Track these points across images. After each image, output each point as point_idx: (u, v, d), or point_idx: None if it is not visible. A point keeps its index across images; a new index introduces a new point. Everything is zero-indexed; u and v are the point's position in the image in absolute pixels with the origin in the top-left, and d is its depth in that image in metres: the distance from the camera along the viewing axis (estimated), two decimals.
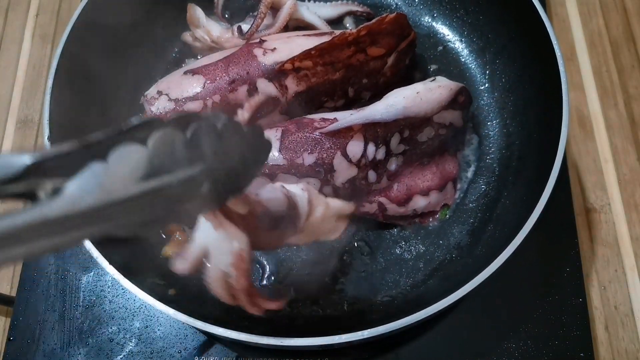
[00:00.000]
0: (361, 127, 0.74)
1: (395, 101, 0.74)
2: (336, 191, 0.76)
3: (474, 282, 0.65)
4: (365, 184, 0.78)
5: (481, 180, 0.89)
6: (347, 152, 0.74)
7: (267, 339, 0.63)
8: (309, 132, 0.75)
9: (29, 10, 1.15)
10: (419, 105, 0.75)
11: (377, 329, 0.64)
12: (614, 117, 1.01)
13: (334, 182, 0.75)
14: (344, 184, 0.76)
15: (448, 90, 0.77)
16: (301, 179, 0.74)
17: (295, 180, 0.74)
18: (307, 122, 0.76)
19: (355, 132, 0.74)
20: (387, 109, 0.74)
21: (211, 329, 0.64)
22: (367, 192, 0.79)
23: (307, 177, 0.74)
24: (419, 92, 0.75)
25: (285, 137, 0.75)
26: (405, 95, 0.75)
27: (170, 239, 0.83)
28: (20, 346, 0.81)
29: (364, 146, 0.75)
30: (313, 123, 0.76)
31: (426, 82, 0.77)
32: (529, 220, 0.68)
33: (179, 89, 0.81)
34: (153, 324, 0.82)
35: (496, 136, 0.92)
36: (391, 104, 0.74)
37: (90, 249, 0.67)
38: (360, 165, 0.75)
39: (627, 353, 0.84)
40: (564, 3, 1.12)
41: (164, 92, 0.81)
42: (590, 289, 0.88)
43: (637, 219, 0.93)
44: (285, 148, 0.74)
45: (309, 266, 0.83)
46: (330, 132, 0.74)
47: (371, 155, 0.76)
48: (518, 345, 0.80)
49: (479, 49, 0.98)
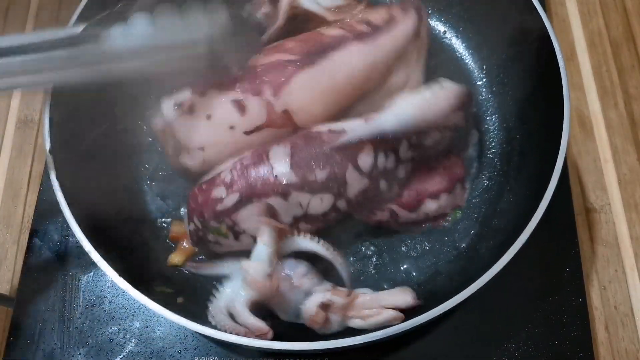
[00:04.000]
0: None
1: (404, 111, 0.74)
2: (349, 203, 0.76)
3: (479, 283, 0.66)
4: (377, 193, 0.77)
5: (484, 176, 0.89)
6: (358, 165, 0.73)
7: (279, 344, 0.64)
8: (319, 147, 0.73)
9: (29, 10, 1.15)
10: (429, 114, 0.75)
11: (385, 331, 0.64)
12: (614, 117, 1.01)
13: (346, 195, 0.75)
14: (356, 196, 0.75)
15: (455, 95, 0.77)
16: (314, 195, 0.74)
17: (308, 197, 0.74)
18: (315, 136, 0.75)
19: (366, 144, 0.73)
20: (397, 120, 0.73)
21: (230, 338, 0.65)
22: (378, 202, 0.79)
23: (321, 193, 0.73)
24: (427, 99, 0.75)
25: (295, 154, 0.73)
26: (414, 104, 0.74)
27: (177, 247, 0.84)
28: (20, 346, 0.81)
29: (374, 157, 0.74)
30: (321, 136, 0.75)
31: (433, 88, 0.77)
32: (532, 219, 0.69)
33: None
34: (153, 324, 0.82)
35: (496, 131, 0.92)
36: (401, 114, 0.74)
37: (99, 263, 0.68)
38: (372, 176, 0.75)
39: (627, 353, 0.84)
40: (564, 3, 1.12)
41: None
42: (590, 289, 0.88)
43: (637, 219, 0.93)
44: (296, 165, 0.72)
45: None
46: (340, 146, 0.73)
47: (382, 165, 0.75)
48: (518, 345, 0.80)
49: (475, 44, 0.98)
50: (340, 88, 0.80)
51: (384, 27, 0.83)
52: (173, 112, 0.76)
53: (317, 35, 0.82)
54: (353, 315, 0.72)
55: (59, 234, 0.88)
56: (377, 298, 0.73)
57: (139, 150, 0.91)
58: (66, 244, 0.87)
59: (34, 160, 1.01)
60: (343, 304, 0.71)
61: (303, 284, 0.71)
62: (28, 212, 0.96)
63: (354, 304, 0.72)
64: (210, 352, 0.80)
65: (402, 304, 0.72)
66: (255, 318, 0.68)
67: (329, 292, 0.71)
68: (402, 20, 0.84)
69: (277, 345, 0.64)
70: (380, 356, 0.79)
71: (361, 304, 0.72)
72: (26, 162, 1.01)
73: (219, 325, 0.68)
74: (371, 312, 0.71)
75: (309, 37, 0.82)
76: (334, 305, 0.71)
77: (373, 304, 0.72)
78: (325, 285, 0.73)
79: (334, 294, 0.71)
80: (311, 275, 0.72)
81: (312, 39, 0.81)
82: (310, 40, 0.81)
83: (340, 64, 0.79)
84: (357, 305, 0.72)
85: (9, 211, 0.97)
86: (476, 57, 0.98)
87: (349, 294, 0.72)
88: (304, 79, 0.77)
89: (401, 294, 0.73)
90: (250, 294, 0.69)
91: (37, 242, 0.87)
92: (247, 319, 0.68)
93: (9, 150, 1.02)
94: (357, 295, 0.73)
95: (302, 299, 0.71)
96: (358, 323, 0.72)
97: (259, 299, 0.70)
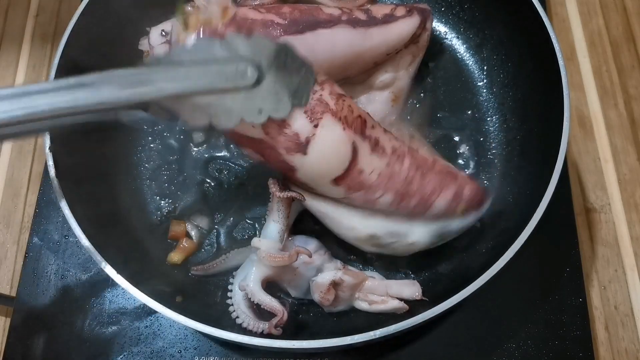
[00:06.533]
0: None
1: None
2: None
3: (478, 283, 0.66)
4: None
5: (484, 176, 0.89)
6: None
7: (279, 342, 0.64)
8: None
9: (29, 10, 1.15)
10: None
11: (385, 330, 0.64)
12: (614, 117, 1.02)
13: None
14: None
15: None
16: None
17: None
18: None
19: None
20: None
21: (230, 336, 0.64)
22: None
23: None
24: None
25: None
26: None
27: (177, 245, 0.84)
28: (20, 346, 0.81)
29: None
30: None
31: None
32: (532, 219, 0.69)
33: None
34: (153, 324, 0.82)
35: (496, 131, 0.92)
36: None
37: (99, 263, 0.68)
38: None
39: (627, 353, 0.84)
40: (563, 3, 1.12)
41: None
42: (590, 289, 0.88)
43: (637, 219, 0.93)
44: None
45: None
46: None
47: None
48: (518, 345, 0.80)
49: (475, 45, 0.98)
50: (318, 64, 0.78)
51: (380, 20, 0.83)
52: (159, 39, 0.75)
53: (315, 9, 0.82)
54: (359, 296, 0.73)
55: (59, 234, 0.88)
56: (385, 284, 0.74)
57: (139, 149, 0.91)
58: (66, 244, 0.87)
59: (34, 160, 1.01)
60: (353, 284, 0.72)
61: (314, 260, 0.72)
62: (28, 212, 0.96)
63: (362, 285, 0.73)
64: (210, 351, 0.80)
65: (408, 296, 0.73)
66: (270, 297, 0.69)
67: (340, 270, 0.72)
68: (402, 19, 0.84)
69: (278, 344, 0.64)
70: (380, 356, 0.79)
71: (369, 288, 0.73)
72: (26, 162, 1.01)
73: (237, 312, 0.69)
74: (378, 298, 0.72)
75: (306, 9, 0.82)
76: (344, 284, 0.71)
77: (380, 290, 0.73)
78: (336, 263, 0.74)
79: (345, 274, 0.72)
80: (322, 252, 0.73)
81: (308, 12, 0.81)
82: (306, 12, 0.81)
83: (324, 40, 0.79)
84: (365, 287, 0.73)
85: (9, 211, 0.97)
86: (476, 57, 0.98)
87: (359, 275, 0.73)
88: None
89: (409, 285, 0.74)
90: (262, 271, 0.70)
91: (37, 242, 0.87)
92: (261, 298, 0.68)
93: (9, 150, 1.02)
94: (367, 277, 0.74)
95: (313, 275, 0.72)
96: (363, 306, 0.73)
97: (271, 276, 0.70)
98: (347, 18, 0.82)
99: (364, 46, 0.82)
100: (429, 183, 0.71)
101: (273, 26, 0.78)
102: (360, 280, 0.73)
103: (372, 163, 0.69)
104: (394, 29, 0.83)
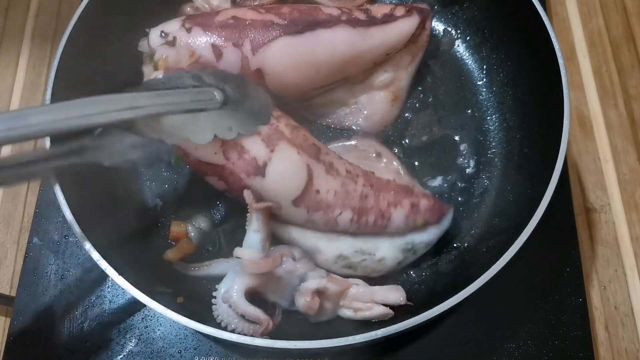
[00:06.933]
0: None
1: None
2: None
3: (479, 283, 0.66)
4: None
5: (484, 176, 0.89)
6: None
7: (279, 343, 0.64)
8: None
9: (29, 10, 1.15)
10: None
11: (386, 330, 0.64)
12: (614, 117, 1.01)
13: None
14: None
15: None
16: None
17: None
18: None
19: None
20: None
21: (230, 337, 0.65)
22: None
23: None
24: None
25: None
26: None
27: (177, 245, 0.84)
28: (20, 346, 0.81)
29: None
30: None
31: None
32: (532, 219, 0.69)
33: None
34: (153, 324, 0.82)
35: (496, 131, 0.92)
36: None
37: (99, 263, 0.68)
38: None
39: (627, 353, 0.84)
40: (563, 3, 1.12)
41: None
42: (590, 289, 0.88)
43: (637, 219, 0.93)
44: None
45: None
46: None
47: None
48: (518, 345, 0.80)
49: (475, 44, 0.98)
50: (318, 64, 0.81)
51: (380, 19, 0.83)
52: (158, 40, 0.79)
53: (314, 9, 0.83)
54: (344, 304, 0.73)
55: (59, 234, 0.88)
56: (369, 291, 0.74)
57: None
58: (66, 244, 0.87)
59: None
60: (337, 292, 0.72)
61: (298, 268, 0.72)
62: (28, 212, 0.96)
63: (346, 293, 0.73)
64: (210, 351, 0.80)
65: (393, 302, 0.73)
66: (254, 307, 0.69)
67: (323, 278, 0.72)
68: (401, 19, 0.84)
69: (278, 345, 0.64)
70: (380, 356, 0.79)
71: (353, 295, 0.73)
72: None
73: (224, 322, 0.68)
74: (362, 305, 0.72)
75: (306, 9, 0.83)
76: (328, 293, 0.72)
77: (365, 297, 0.73)
78: (319, 271, 0.74)
79: (329, 281, 0.72)
80: (305, 260, 0.73)
81: (308, 12, 0.82)
82: (305, 12, 0.82)
83: (324, 40, 0.80)
84: (349, 295, 0.73)
85: (9, 211, 0.97)
86: (476, 57, 0.98)
87: (343, 282, 0.73)
88: (284, 45, 0.79)
89: (394, 291, 0.74)
90: (245, 281, 0.69)
91: (37, 242, 0.87)
92: (245, 309, 0.68)
93: (9, 151, 1.02)
94: (351, 285, 0.74)
95: (297, 284, 0.72)
96: (348, 314, 0.74)
97: (255, 286, 0.70)
98: (346, 18, 0.82)
99: (364, 46, 0.82)
100: (384, 198, 0.76)
101: (272, 26, 0.78)
102: (344, 287, 0.73)
103: (328, 183, 0.73)
104: (393, 28, 0.83)
